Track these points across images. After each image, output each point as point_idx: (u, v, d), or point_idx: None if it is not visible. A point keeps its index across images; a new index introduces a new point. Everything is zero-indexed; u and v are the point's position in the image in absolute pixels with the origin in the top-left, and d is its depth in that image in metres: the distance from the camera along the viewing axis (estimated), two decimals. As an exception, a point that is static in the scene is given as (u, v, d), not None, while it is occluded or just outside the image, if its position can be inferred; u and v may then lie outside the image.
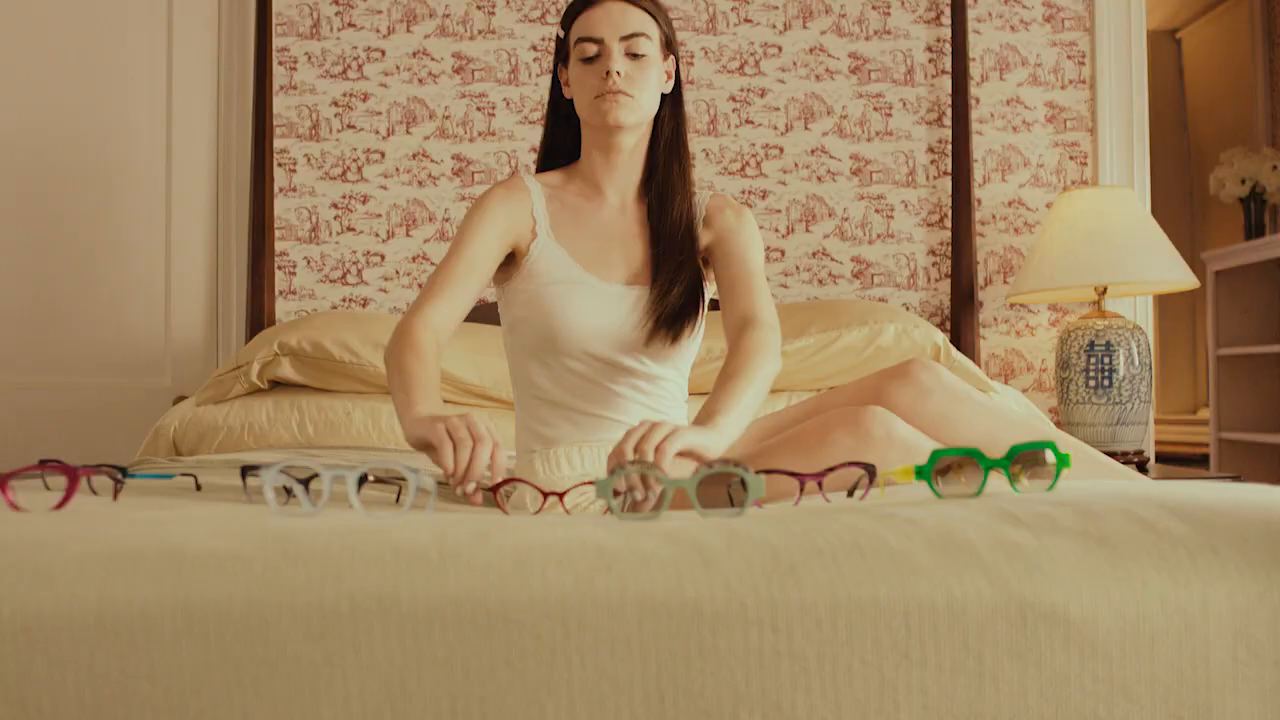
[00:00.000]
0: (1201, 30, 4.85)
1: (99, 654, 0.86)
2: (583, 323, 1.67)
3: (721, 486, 1.57)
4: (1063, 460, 1.10)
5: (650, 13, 1.72)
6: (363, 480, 1.28)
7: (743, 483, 1.08)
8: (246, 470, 1.29)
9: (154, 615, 0.86)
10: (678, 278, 1.71)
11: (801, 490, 1.27)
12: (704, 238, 1.79)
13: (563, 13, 1.74)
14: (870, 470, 1.29)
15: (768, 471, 1.30)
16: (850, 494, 1.33)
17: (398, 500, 1.40)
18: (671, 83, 1.78)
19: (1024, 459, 1.13)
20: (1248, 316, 3.84)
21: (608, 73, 1.66)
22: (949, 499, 1.09)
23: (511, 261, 1.75)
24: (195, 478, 1.41)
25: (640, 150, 1.77)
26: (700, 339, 1.79)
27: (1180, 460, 4.52)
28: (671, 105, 1.79)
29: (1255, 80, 4.27)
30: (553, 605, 0.87)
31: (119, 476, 1.21)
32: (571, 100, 1.77)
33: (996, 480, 1.16)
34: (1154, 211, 3.09)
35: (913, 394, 1.66)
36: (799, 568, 0.89)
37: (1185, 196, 4.86)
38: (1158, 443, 4.37)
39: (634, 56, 1.68)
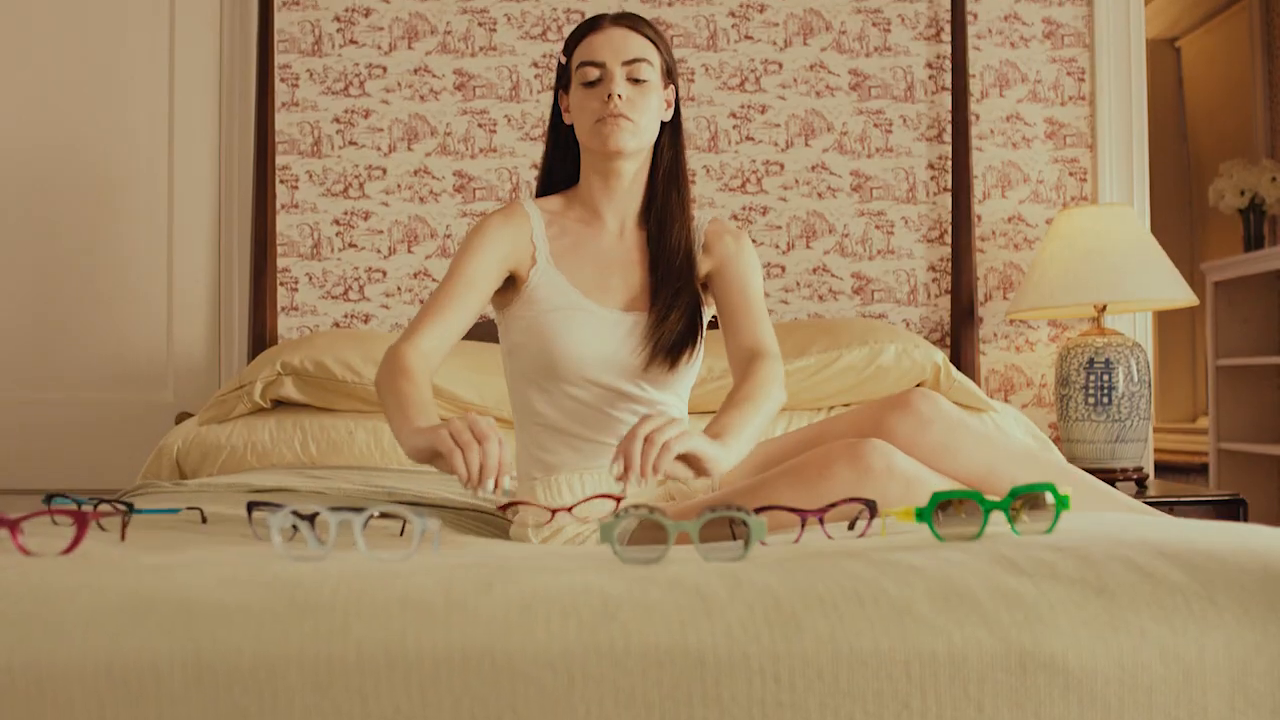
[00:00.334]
0: (1201, 39, 4.86)
1: (109, 705, 0.87)
2: (582, 349, 1.68)
3: (724, 522, 1.59)
4: (1062, 502, 1.12)
5: (652, 40, 1.74)
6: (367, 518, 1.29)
7: (744, 524, 1.09)
8: (252, 506, 1.30)
9: (164, 667, 0.88)
10: (675, 304, 1.73)
11: (803, 526, 1.28)
12: (704, 264, 1.81)
13: (565, 37, 1.75)
14: (871, 506, 1.30)
15: (769, 508, 1.32)
16: (851, 526, 1.34)
17: (402, 533, 1.41)
18: (671, 111, 1.79)
19: (1024, 499, 1.14)
20: (1247, 327, 3.86)
21: (609, 96, 1.67)
22: (949, 541, 1.10)
23: (511, 287, 1.76)
24: (201, 511, 1.42)
25: (641, 178, 1.78)
26: (699, 364, 1.81)
27: (1179, 470, 4.53)
28: (671, 134, 1.80)
29: (1254, 92, 4.28)
30: (557, 655, 0.89)
31: (126, 514, 1.22)
32: (572, 126, 1.78)
33: (997, 516, 1.17)
34: (1153, 220, 3.09)
35: (913, 424, 1.67)
36: (801, 617, 0.91)
37: (1185, 205, 4.87)
38: (1157, 451, 4.38)
39: (635, 81, 1.70)
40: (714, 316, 1.83)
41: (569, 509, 1.36)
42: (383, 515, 1.35)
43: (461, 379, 2.40)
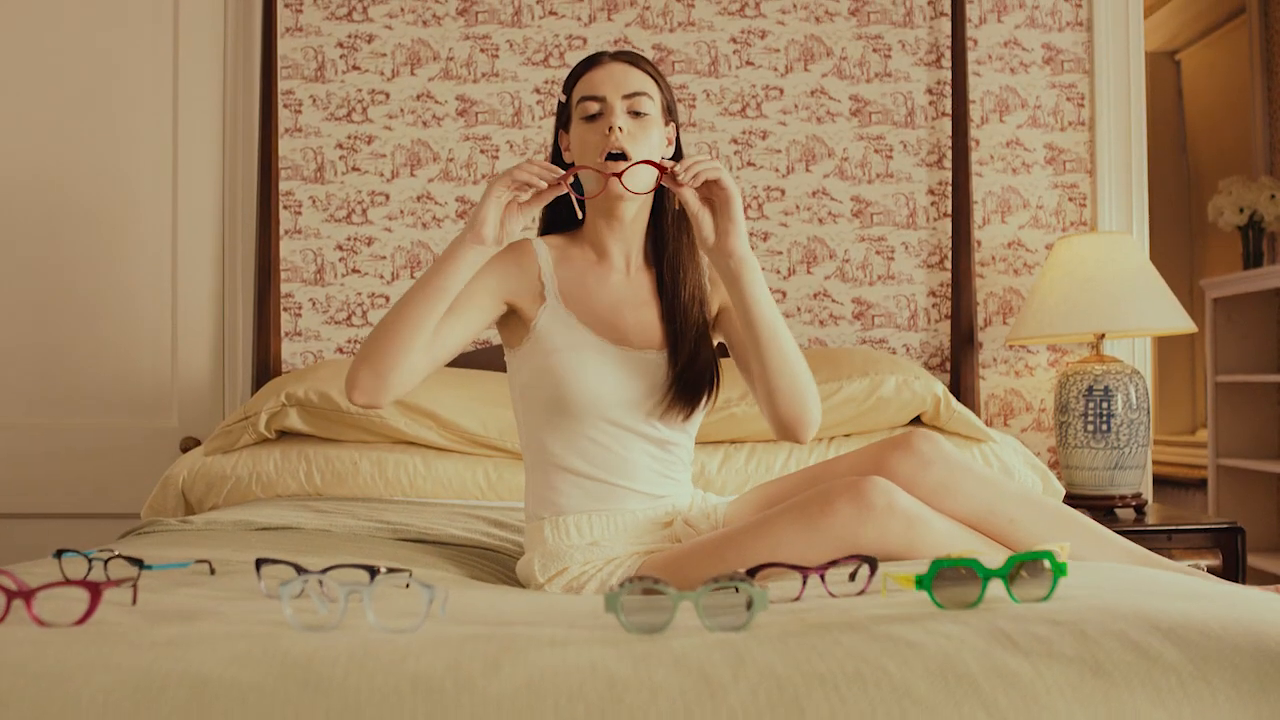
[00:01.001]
0: (1201, 53, 4.88)
1: (126, 788, 0.89)
2: (596, 388, 1.70)
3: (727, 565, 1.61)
4: (1059, 570, 1.14)
5: (653, 76, 1.75)
6: (375, 573, 1.31)
7: (740, 591, 1.11)
8: (261, 563, 1.32)
9: (179, 751, 0.89)
10: (695, 357, 1.75)
11: (804, 582, 1.30)
12: (714, 301, 1.83)
13: (567, 63, 1.77)
14: (872, 564, 1.32)
15: (772, 565, 1.34)
16: (852, 576, 1.37)
17: (407, 586, 1.43)
18: (673, 149, 1.81)
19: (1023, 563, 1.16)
20: (1246, 344, 3.88)
21: (610, 129, 1.68)
22: (949, 609, 1.12)
23: (519, 325, 1.77)
24: (210, 564, 1.44)
25: (642, 216, 1.80)
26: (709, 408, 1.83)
27: (1178, 484, 4.55)
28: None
29: (1253, 108, 4.30)
30: (565, 738, 0.90)
31: (137, 573, 1.24)
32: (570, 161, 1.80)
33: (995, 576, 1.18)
34: (1152, 233, 3.11)
35: (913, 464, 1.69)
36: (803, 700, 0.92)
37: (1184, 217, 4.89)
38: (1155, 463, 4.40)
39: (636, 115, 1.71)
40: (719, 344, 1.86)
41: (619, 175, 1.62)
42: (390, 570, 1.36)
43: (464, 409, 2.42)
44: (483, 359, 2.76)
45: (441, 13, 2.96)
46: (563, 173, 1.56)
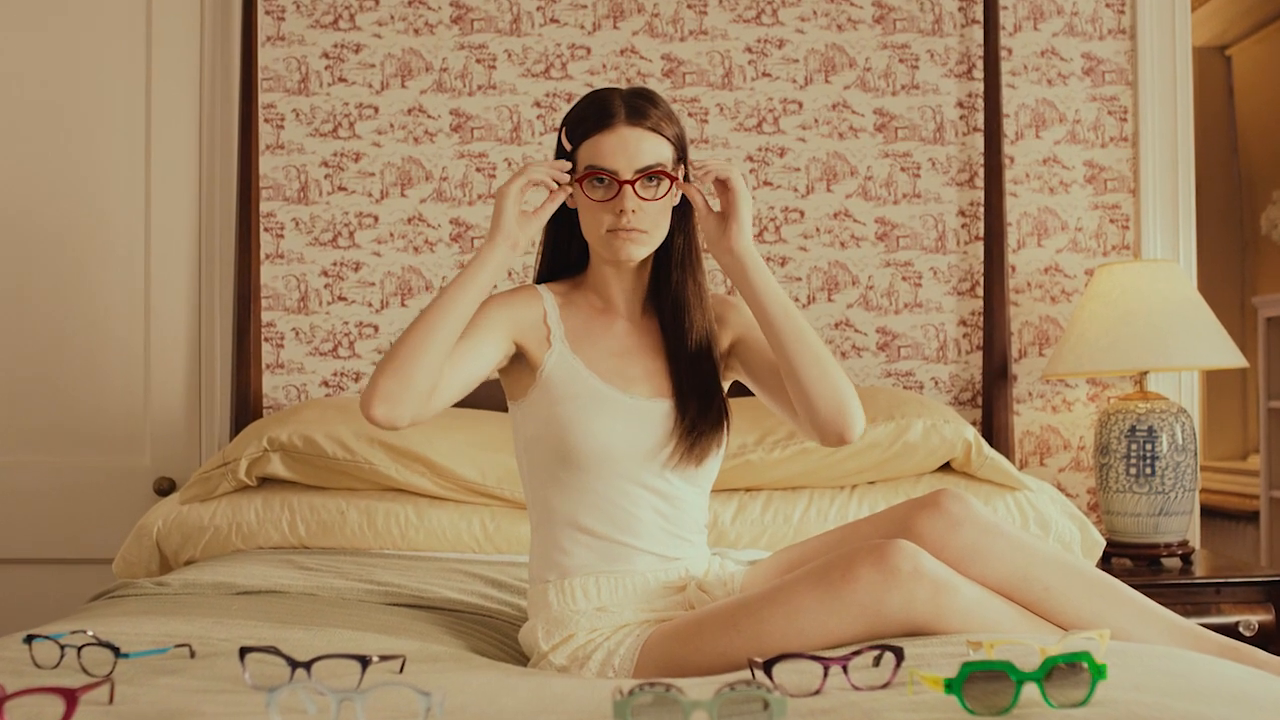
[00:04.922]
0: (1253, 48, 4.88)
1: None
2: (606, 437, 1.73)
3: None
4: (1098, 672, 1.15)
5: (667, 135, 1.76)
6: (366, 664, 1.33)
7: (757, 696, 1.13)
8: (245, 651, 1.34)
9: None
10: (705, 402, 1.78)
11: (825, 676, 1.32)
12: (723, 339, 1.86)
13: (566, 121, 1.78)
14: (898, 653, 1.34)
15: (793, 656, 1.35)
16: (877, 662, 1.38)
17: (401, 670, 1.44)
18: (680, 194, 1.82)
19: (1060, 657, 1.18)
20: (1302, 367, 3.88)
21: (623, 211, 1.71)
22: (980, 715, 1.14)
23: (525, 373, 1.80)
24: (190, 647, 1.46)
25: (648, 261, 1.83)
26: (722, 456, 1.85)
27: (1228, 515, 4.55)
28: (681, 216, 1.83)
29: (1310, 111, 4.30)
30: None
31: (112, 666, 1.25)
32: (574, 210, 1.82)
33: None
34: (1201, 246, 3.11)
35: (942, 526, 1.71)
36: (825, 828, 0.94)
37: (1235, 227, 4.89)
38: (1204, 492, 4.40)
39: (649, 183, 1.74)
40: (735, 380, 1.88)
41: (632, 184, 1.69)
42: (383, 658, 1.39)
43: (460, 454, 2.44)
44: (479, 397, 2.76)
45: (434, 20, 2.98)
46: (569, 173, 1.74)
